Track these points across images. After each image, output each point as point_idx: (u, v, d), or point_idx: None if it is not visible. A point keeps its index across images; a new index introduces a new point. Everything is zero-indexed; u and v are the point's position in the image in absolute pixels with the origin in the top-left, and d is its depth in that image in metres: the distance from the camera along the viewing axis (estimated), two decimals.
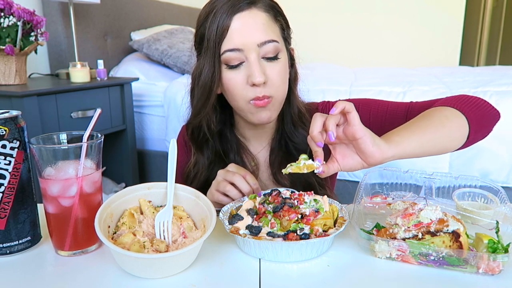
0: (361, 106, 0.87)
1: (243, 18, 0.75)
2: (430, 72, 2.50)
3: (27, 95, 1.43)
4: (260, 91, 0.77)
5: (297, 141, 0.87)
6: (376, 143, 0.60)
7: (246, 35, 0.75)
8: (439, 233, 0.55)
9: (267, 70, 0.77)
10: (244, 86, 0.77)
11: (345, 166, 0.64)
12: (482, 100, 0.78)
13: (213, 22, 0.75)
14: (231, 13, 0.74)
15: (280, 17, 0.81)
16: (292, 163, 0.63)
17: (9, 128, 0.56)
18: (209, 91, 0.79)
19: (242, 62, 0.77)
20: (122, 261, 0.54)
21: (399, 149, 0.62)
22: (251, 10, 0.76)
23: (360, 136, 0.59)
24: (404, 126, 0.69)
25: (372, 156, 0.60)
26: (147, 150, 2.25)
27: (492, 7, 4.70)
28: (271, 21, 0.78)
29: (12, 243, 0.59)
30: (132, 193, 0.64)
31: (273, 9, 0.80)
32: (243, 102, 0.79)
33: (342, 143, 0.64)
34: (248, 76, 0.76)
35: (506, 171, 1.67)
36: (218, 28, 0.75)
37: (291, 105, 0.87)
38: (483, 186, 0.70)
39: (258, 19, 0.76)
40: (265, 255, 0.57)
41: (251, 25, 0.75)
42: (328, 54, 3.76)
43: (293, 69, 0.87)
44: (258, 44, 0.75)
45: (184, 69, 2.36)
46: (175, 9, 3.07)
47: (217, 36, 0.75)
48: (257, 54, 0.76)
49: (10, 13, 1.52)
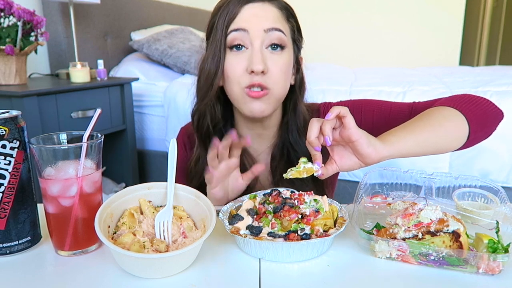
0: (364, 107, 0.87)
1: (253, 8, 0.76)
2: (430, 72, 2.49)
3: (27, 95, 1.43)
4: (257, 79, 0.76)
5: (299, 150, 0.86)
6: (372, 143, 0.62)
7: (254, 20, 0.76)
8: (439, 233, 0.55)
9: (269, 61, 0.77)
10: (243, 72, 0.77)
11: (343, 166, 0.66)
12: (485, 100, 0.77)
13: (223, 11, 0.77)
14: (242, 3, 0.76)
15: (292, 20, 0.81)
16: (292, 167, 0.64)
17: (9, 128, 0.56)
18: (214, 76, 0.79)
19: (245, 48, 0.77)
20: (122, 261, 0.54)
21: (395, 149, 0.64)
22: (264, 3, 0.77)
23: (356, 138, 0.61)
24: (401, 126, 0.70)
25: (368, 156, 0.63)
26: (147, 150, 2.25)
27: (492, 7, 4.70)
28: (282, 18, 0.79)
29: (12, 243, 0.58)
30: (132, 193, 0.64)
31: (287, 11, 0.80)
32: (238, 89, 0.79)
33: (339, 145, 0.67)
34: (248, 63, 0.76)
35: (506, 171, 1.67)
36: (228, 15, 0.76)
37: (297, 114, 0.87)
38: (483, 186, 0.70)
39: (269, 11, 0.77)
40: (266, 255, 0.57)
41: (261, 14, 0.76)
42: (328, 54, 3.76)
43: (298, 75, 0.87)
44: (264, 29, 0.76)
45: (184, 69, 2.36)
46: (175, 9, 3.07)
47: (226, 21, 0.76)
48: (261, 41, 0.76)
49: (10, 13, 1.52)
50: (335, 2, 3.89)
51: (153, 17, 2.78)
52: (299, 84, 0.87)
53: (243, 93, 0.78)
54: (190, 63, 2.32)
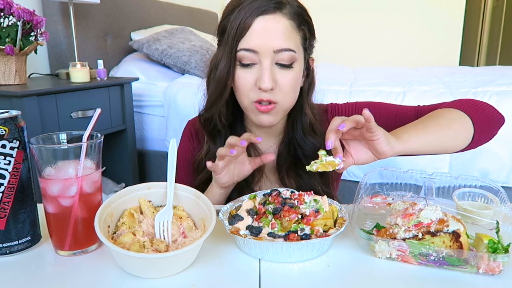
0: (371, 109, 0.88)
1: (265, 22, 0.75)
2: (430, 72, 2.49)
3: (27, 95, 1.43)
4: (266, 95, 0.77)
5: (306, 148, 0.87)
6: (389, 141, 0.67)
7: (264, 39, 0.75)
8: (439, 233, 0.55)
9: (278, 76, 0.77)
10: (252, 87, 0.78)
11: (359, 160, 0.70)
12: (487, 105, 0.81)
13: (236, 18, 0.76)
14: (255, 13, 0.75)
15: (305, 26, 0.80)
16: (316, 160, 0.66)
17: (9, 128, 0.56)
18: (223, 86, 0.80)
19: (255, 64, 0.77)
20: (122, 261, 0.54)
21: (407, 146, 0.69)
22: (275, 15, 0.76)
23: (377, 138, 0.66)
24: (413, 124, 0.74)
25: (384, 153, 0.67)
26: (147, 150, 2.25)
27: (492, 7, 4.70)
28: (293, 30, 0.78)
29: (12, 243, 0.58)
30: (132, 193, 0.64)
31: (299, 16, 0.79)
32: (248, 102, 0.80)
33: (355, 139, 0.70)
34: (257, 79, 0.77)
35: (506, 171, 1.66)
36: (240, 26, 0.75)
37: (303, 115, 0.87)
38: (483, 186, 0.70)
39: (280, 26, 0.76)
40: (266, 255, 0.57)
41: (272, 30, 0.75)
42: (328, 54, 3.76)
43: (308, 79, 0.87)
44: (274, 50, 0.75)
45: (184, 69, 2.35)
46: (175, 9, 3.07)
47: (237, 33, 0.76)
48: (271, 59, 0.76)
49: (10, 13, 1.52)
50: (335, 2, 3.89)
51: (153, 17, 2.78)
52: (307, 87, 0.87)
53: (252, 106, 0.80)
54: (190, 63, 2.32)
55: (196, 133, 0.96)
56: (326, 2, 3.86)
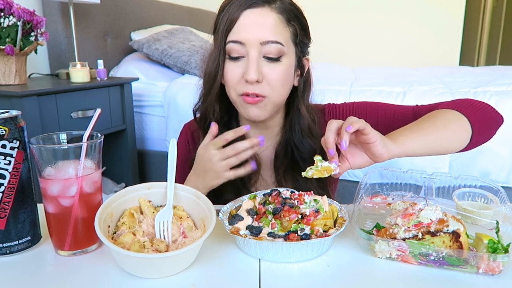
0: (369, 109, 0.88)
1: (252, 15, 0.76)
2: (430, 72, 2.49)
3: (27, 95, 1.43)
4: (252, 88, 0.78)
5: (303, 150, 0.87)
6: (385, 144, 0.66)
7: (251, 31, 0.76)
8: (439, 233, 0.55)
9: (265, 69, 0.78)
10: (239, 80, 0.79)
11: (355, 164, 0.70)
12: (486, 104, 0.80)
13: (226, 13, 0.77)
14: (243, 7, 0.76)
15: (295, 22, 0.80)
16: (312, 166, 0.66)
17: (9, 128, 0.56)
18: (213, 80, 0.82)
19: (242, 57, 0.78)
20: (122, 261, 0.54)
21: (404, 148, 0.68)
22: (263, 8, 0.77)
23: (373, 141, 0.65)
24: (409, 126, 0.74)
25: (381, 156, 0.66)
26: (147, 150, 2.25)
27: (492, 7, 4.70)
28: (281, 24, 0.78)
29: (12, 243, 0.58)
30: (132, 193, 0.64)
31: (290, 12, 0.79)
32: (235, 95, 0.81)
33: (351, 143, 0.69)
34: (244, 72, 0.77)
35: (506, 171, 1.66)
36: (228, 19, 0.77)
37: (300, 117, 0.87)
38: (483, 186, 0.70)
39: (268, 19, 0.76)
40: (266, 255, 0.57)
41: (259, 22, 0.76)
42: (328, 54, 3.76)
43: (302, 79, 0.87)
44: (261, 42, 0.76)
45: (184, 69, 2.36)
46: (175, 9, 3.07)
47: (226, 27, 0.77)
48: (258, 51, 0.77)
49: (10, 13, 1.52)
50: (335, 2, 3.89)
51: (153, 17, 2.78)
52: (302, 86, 0.87)
53: (239, 99, 0.81)
54: (190, 63, 2.32)
55: (193, 136, 0.96)
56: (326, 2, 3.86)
